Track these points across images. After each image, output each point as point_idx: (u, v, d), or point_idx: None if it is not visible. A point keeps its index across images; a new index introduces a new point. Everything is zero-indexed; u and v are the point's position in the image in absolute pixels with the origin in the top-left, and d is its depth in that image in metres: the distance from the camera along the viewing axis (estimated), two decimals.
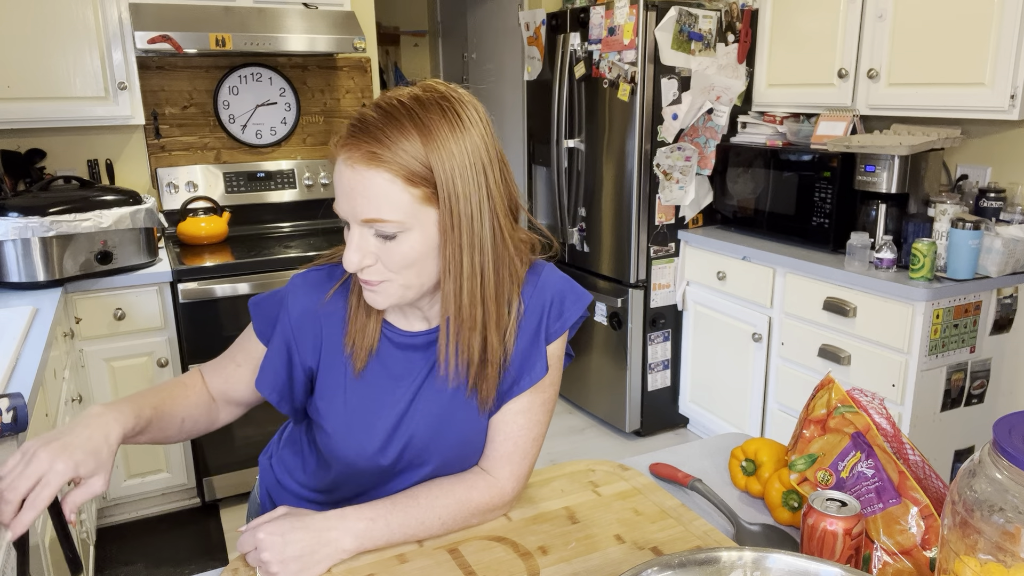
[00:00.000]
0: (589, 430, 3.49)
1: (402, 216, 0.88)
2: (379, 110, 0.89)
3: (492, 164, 0.92)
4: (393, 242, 0.89)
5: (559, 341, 1.05)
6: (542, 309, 1.03)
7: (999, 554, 0.62)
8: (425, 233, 0.90)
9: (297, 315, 1.01)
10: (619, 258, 3.23)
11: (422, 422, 1.02)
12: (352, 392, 1.01)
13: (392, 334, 1.02)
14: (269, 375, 1.03)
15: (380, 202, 0.87)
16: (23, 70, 2.52)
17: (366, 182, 0.87)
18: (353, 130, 0.89)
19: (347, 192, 0.89)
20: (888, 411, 1.03)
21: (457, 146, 0.88)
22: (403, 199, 0.87)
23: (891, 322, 2.38)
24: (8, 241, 2.27)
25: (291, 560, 0.90)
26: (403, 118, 0.87)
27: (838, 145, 2.61)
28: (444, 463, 1.04)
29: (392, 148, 0.86)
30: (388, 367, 1.02)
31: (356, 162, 0.87)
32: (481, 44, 4.39)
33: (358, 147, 0.87)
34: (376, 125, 0.87)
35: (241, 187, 3.15)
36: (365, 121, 0.88)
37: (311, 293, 1.02)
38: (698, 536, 0.99)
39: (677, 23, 2.96)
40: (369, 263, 0.91)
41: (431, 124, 0.87)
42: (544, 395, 1.05)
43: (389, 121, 0.87)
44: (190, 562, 2.50)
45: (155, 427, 1.00)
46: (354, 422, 1.01)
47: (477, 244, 0.91)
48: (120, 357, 2.56)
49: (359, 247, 0.90)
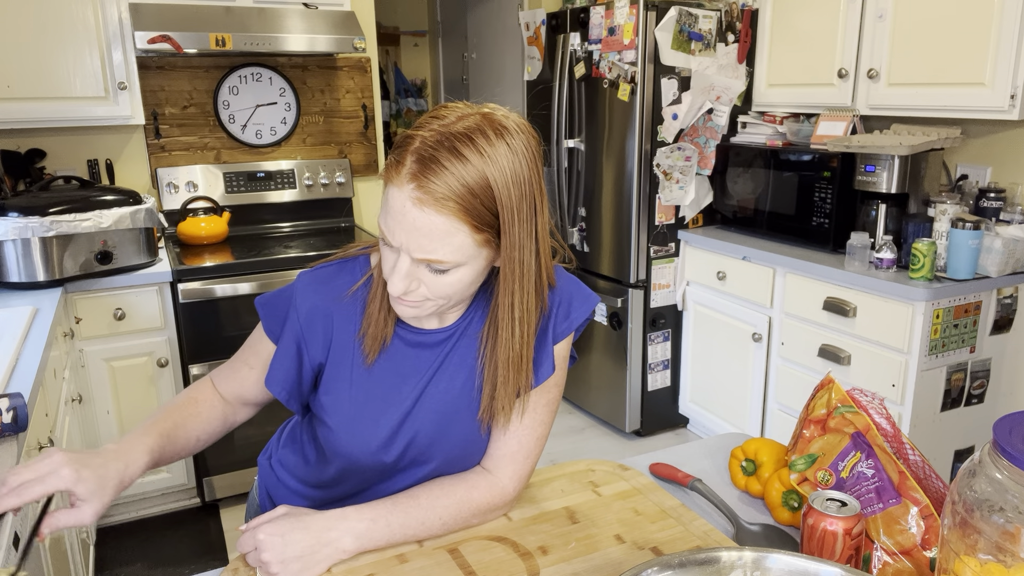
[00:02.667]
0: (589, 430, 3.49)
1: (462, 258, 0.88)
2: (446, 142, 0.84)
3: (542, 196, 0.92)
4: (443, 275, 0.89)
5: (565, 342, 1.05)
6: (550, 310, 1.03)
7: (999, 554, 0.62)
8: (475, 268, 0.91)
9: (306, 312, 1.01)
10: (619, 258, 3.23)
11: (427, 420, 1.02)
12: (358, 388, 1.01)
13: (404, 331, 1.02)
14: (279, 373, 1.03)
15: (443, 244, 0.86)
16: (23, 70, 2.52)
17: (431, 225, 0.85)
18: (421, 164, 0.84)
19: (407, 228, 0.86)
20: (888, 411, 1.03)
21: (517, 187, 0.87)
22: (467, 244, 0.87)
23: (891, 322, 2.38)
24: (8, 241, 2.27)
25: (291, 560, 0.90)
26: (472, 156, 0.84)
27: (838, 145, 2.61)
28: (447, 461, 1.04)
29: (463, 195, 0.84)
30: (397, 364, 1.02)
31: (425, 204, 0.84)
32: (481, 44, 4.39)
33: (429, 188, 0.83)
34: (446, 162, 0.84)
35: (241, 187, 3.15)
36: (434, 156, 0.84)
37: (320, 290, 1.01)
38: (698, 536, 0.99)
39: (677, 23, 2.96)
40: (415, 287, 0.91)
41: (498, 160, 0.85)
42: (549, 395, 1.05)
43: (459, 159, 0.84)
44: (190, 562, 2.50)
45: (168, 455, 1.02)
46: (358, 418, 1.01)
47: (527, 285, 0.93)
48: (120, 357, 2.56)
49: (408, 275, 0.89)
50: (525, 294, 0.94)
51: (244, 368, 1.08)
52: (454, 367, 1.02)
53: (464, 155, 0.84)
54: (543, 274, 0.96)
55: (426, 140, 0.85)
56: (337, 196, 3.32)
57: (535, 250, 0.92)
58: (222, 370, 1.11)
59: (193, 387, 1.10)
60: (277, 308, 1.03)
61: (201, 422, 1.07)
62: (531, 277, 0.93)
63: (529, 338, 0.97)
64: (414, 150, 0.85)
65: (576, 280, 1.07)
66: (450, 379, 1.02)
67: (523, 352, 0.97)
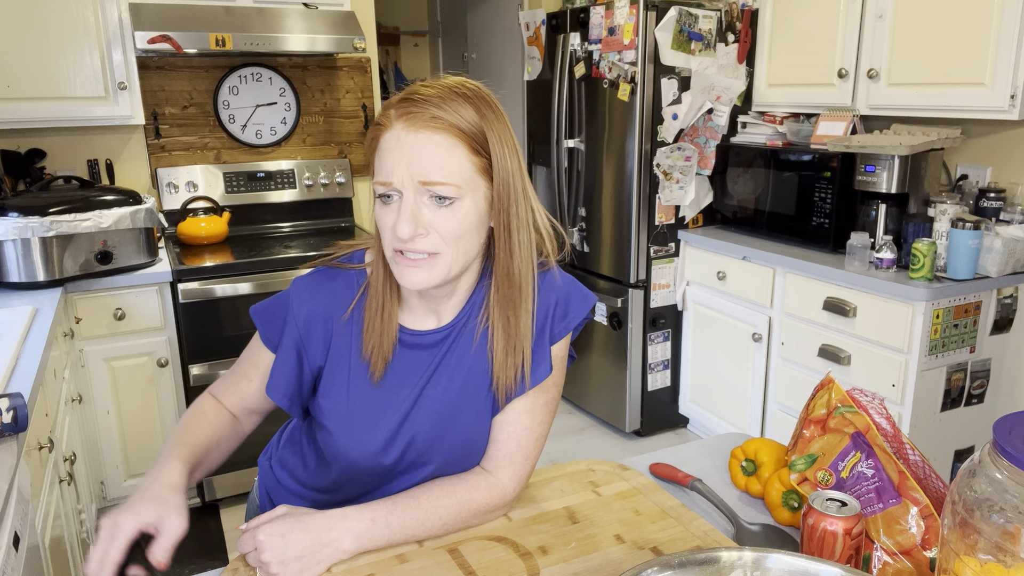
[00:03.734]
0: (589, 430, 3.49)
1: (461, 181, 0.90)
2: (429, 88, 0.91)
3: (522, 158, 0.97)
4: (448, 208, 0.90)
5: (563, 342, 1.05)
6: (547, 310, 1.03)
7: (999, 554, 0.62)
8: (476, 203, 0.92)
9: (304, 317, 1.01)
10: (619, 258, 3.23)
11: (426, 422, 1.02)
12: (356, 391, 1.01)
13: (401, 334, 1.02)
14: (280, 380, 1.03)
15: (444, 163, 0.88)
16: (23, 70, 2.52)
17: (430, 144, 0.88)
18: (408, 103, 0.90)
19: (407, 156, 0.88)
20: (888, 411, 1.03)
21: (502, 131, 0.93)
22: (464, 165, 0.90)
23: (891, 322, 2.38)
24: (8, 241, 2.26)
25: (291, 560, 0.90)
26: (458, 96, 0.91)
27: (838, 145, 2.61)
28: (447, 463, 1.04)
29: (453, 115, 0.89)
30: (395, 367, 1.02)
31: (420, 127, 0.88)
32: (481, 44, 4.39)
33: (419, 114, 0.88)
34: (434, 96, 0.90)
35: (241, 187, 3.15)
36: (420, 94, 0.90)
37: (317, 295, 1.01)
38: (698, 536, 0.99)
39: (677, 23, 2.96)
40: (422, 232, 0.90)
41: (479, 102, 0.92)
42: (547, 395, 1.05)
43: (446, 94, 0.90)
44: (190, 562, 2.50)
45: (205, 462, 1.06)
46: (357, 421, 1.01)
47: (522, 216, 0.96)
48: (120, 357, 2.56)
49: (413, 215, 0.89)
50: (519, 223, 0.96)
51: (243, 381, 1.09)
52: (452, 367, 1.02)
53: (442, 93, 0.91)
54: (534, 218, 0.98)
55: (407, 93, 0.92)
56: (337, 196, 3.32)
57: (524, 189, 0.96)
58: (221, 384, 1.11)
59: (198, 405, 1.10)
60: (274, 316, 1.03)
61: (216, 428, 1.08)
62: (524, 210, 0.96)
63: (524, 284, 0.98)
64: (396, 102, 0.92)
65: (574, 280, 1.07)
66: (448, 380, 1.02)
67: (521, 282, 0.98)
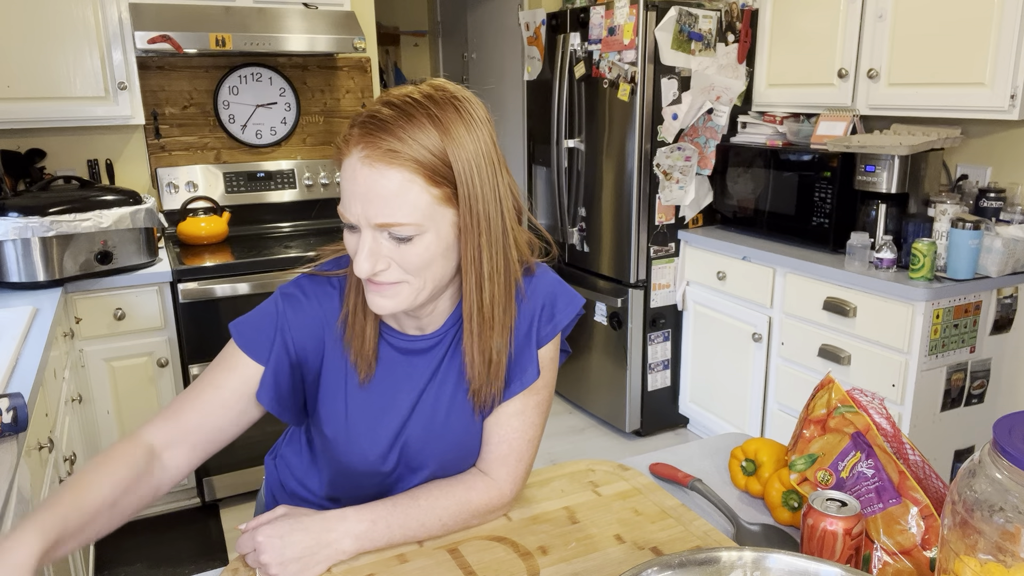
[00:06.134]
0: (589, 430, 3.49)
1: (420, 218, 0.84)
2: (393, 107, 0.84)
3: (500, 163, 0.90)
4: (407, 244, 0.85)
5: (551, 344, 1.04)
6: (533, 314, 1.02)
7: (999, 554, 0.62)
8: (440, 234, 0.87)
9: (300, 325, 0.97)
10: (619, 258, 3.23)
11: (417, 426, 1.01)
12: (354, 399, 1.00)
13: (392, 338, 1.00)
14: (270, 389, 0.97)
15: (399, 203, 0.83)
16: (23, 70, 2.52)
17: (384, 181, 0.82)
18: (368, 127, 0.84)
19: (362, 193, 0.83)
20: (888, 411, 1.03)
21: (472, 143, 0.86)
22: (422, 200, 0.84)
23: (891, 322, 2.37)
24: (8, 241, 2.26)
25: (291, 562, 0.90)
26: (420, 115, 0.84)
27: (838, 145, 2.61)
28: (441, 467, 1.04)
29: (412, 145, 0.82)
30: (391, 372, 1.01)
31: (375, 160, 0.82)
32: (481, 44, 4.39)
33: (376, 144, 0.82)
34: (393, 121, 0.83)
35: (241, 187, 3.15)
36: (379, 118, 0.84)
37: (312, 302, 0.98)
38: (698, 536, 0.99)
39: (677, 23, 2.96)
40: (382, 267, 0.87)
41: (447, 121, 0.84)
42: (538, 397, 1.05)
43: (406, 118, 0.83)
44: (190, 562, 2.50)
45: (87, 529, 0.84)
46: (355, 429, 1.00)
47: (494, 243, 0.90)
48: (120, 357, 2.56)
49: (372, 252, 0.86)
50: (492, 251, 0.90)
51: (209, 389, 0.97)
52: (444, 372, 1.02)
53: (408, 112, 0.84)
54: (512, 237, 0.93)
55: (371, 111, 0.85)
56: (337, 196, 3.31)
57: (501, 207, 0.90)
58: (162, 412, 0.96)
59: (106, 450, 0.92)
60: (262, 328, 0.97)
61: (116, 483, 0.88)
62: (497, 234, 0.90)
63: (500, 300, 0.94)
64: (359, 122, 0.85)
65: (560, 281, 1.06)
66: (440, 384, 1.01)
67: (494, 310, 0.94)
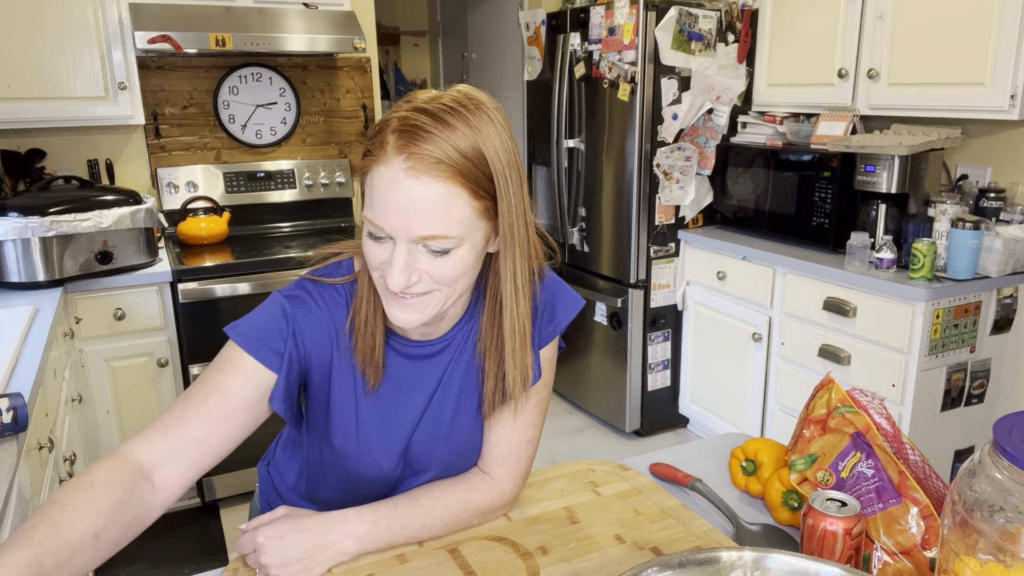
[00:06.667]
0: (589, 430, 3.49)
1: (461, 232, 0.83)
2: (429, 115, 0.81)
3: (522, 170, 0.90)
4: (444, 257, 0.84)
5: (550, 345, 1.05)
6: (533, 316, 1.01)
7: (999, 554, 0.62)
8: (474, 246, 0.86)
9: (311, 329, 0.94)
10: (619, 258, 3.23)
11: (425, 430, 1.01)
12: (364, 407, 0.98)
13: (399, 345, 0.99)
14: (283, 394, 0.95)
15: (444, 216, 0.81)
16: (23, 70, 2.52)
17: (429, 194, 0.79)
18: (409, 135, 0.80)
19: (403, 206, 0.80)
20: (888, 411, 1.03)
21: (505, 153, 0.85)
22: (465, 213, 0.82)
23: (891, 322, 2.37)
24: (8, 241, 2.26)
25: (291, 563, 0.90)
26: (458, 123, 0.81)
27: (838, 145, 2.61)
28: (444, 469, 1.04)
29: (455, 156, 0.80)
30: (397, 380, 0.99)
31: (420, 172, 0.79)
32: (481, 44, 4.39)
33: (420, 155, 0.79)
34: (435, 131, 0.80)
35: (241, 187, 3.15)
36: (419, 126, 0.80)
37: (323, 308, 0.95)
38: (698, 536, 0.99)
39: (677, 23, 2.96)
40: (415, 280, 0.85)
41: (485, 135, 0.83)
42: (537, 396, 1.05)
43: (445, 126, 0.80)
44: (190, 562, 2.50)
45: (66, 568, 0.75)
46: (366, 438, 0.99)
47: (523, 253, 0.91)
48: (120, 357, 2.56)
49: (407, 265, 0.83)
50: (524, 261, 0.91)
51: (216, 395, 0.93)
52: (449, 376, 1.01)
53: (448, 121, 0.81)
54: (532, 245, 0.94)
55: (405, 117, 0.82)
56: (337, 196, 3.31)
57: (525, 219, 0.90)
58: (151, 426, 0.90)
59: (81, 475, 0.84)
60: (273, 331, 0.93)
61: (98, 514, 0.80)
62: (526, 244, 0.91)
63: (528, 309, 0.95)
64: (395, 128, 0.82)
65: (561, 282, 1.05)
66: (445, 388, 1.01)
67: (526, 324, 0.95)
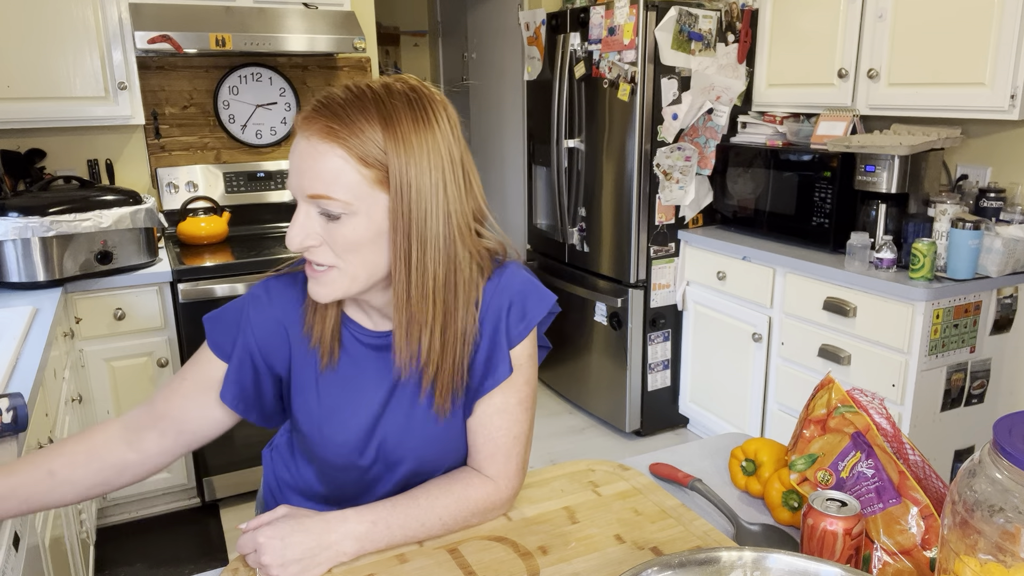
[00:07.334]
0: (589, 430, 3.49)
1: (350, 197, 0.87)
2: (347, 91, 0.90)
3: (454, 165, 0.92)
4: (337, 223, 0.89)
5: (527, 341, 1.03)
6: (500, 311, 1.01)
7: (999, 554, 0.62)
8: (371, 219, 0.89)
9: (261, 324, 1.01)
10: (619, 258, 3.23)
11: (392, 422, 1.02)
12: (325, 393, 1.02)
13: (360, 334, 1.02)
14: (233, 387, 1.01)
15: (329, 178, 0.87)
16: (23, 70, 2.52)
17: (318, 155, 0.87)
18: (316, 106, 0.89)
19: (298, 166, 0.89)
20: (888, 411, 1.03)
21: (418, 139, 0.89)
22: (353, 179, 0.87)
23: (891, 322, 2.38)
24: (8, 241, 2.26)
25: (291, 563, 0.90)
26: (368, 102, 0.88)
27: (838, 145, 2.61)
28: (419, 463, 1.04)
29: (351, 127, 0.87)
30: (360, 367, 1.02)
31: (312, 135, 0.87)
32: (481, 44, 4.39)
33: (316, 121, 0.88)
34: (340, 104, 0.88)
35: (241, 187, 3.15)
36: (330, 99, 0.89)
37: (273, 301, 1.02)
38: (698, 536, 0.99)
39: (677, 23, 2.96)
40: (312, 243, 0.90)
41: (395, 113, 0.88)
42: (520, 394, 1.04)
43: (353, 102, 0.88)
44: (190, 562, 2.50)
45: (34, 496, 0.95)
46: (327, 423, 1.02)
47: (428, 240, 0.91)
48: (120, 357, 2.56)
49: (303, 225, 0.90)
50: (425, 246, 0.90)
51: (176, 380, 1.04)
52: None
53: (357, 96, 0.89)
54: (458, 242, 0.93)
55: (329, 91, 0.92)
56: None
57: (443, 209, 0.90)
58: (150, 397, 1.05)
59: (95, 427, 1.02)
60: (227, 324, 1.02)
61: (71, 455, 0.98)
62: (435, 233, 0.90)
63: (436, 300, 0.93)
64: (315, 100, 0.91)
65: (530, 279, 1.04)
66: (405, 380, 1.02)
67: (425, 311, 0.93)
